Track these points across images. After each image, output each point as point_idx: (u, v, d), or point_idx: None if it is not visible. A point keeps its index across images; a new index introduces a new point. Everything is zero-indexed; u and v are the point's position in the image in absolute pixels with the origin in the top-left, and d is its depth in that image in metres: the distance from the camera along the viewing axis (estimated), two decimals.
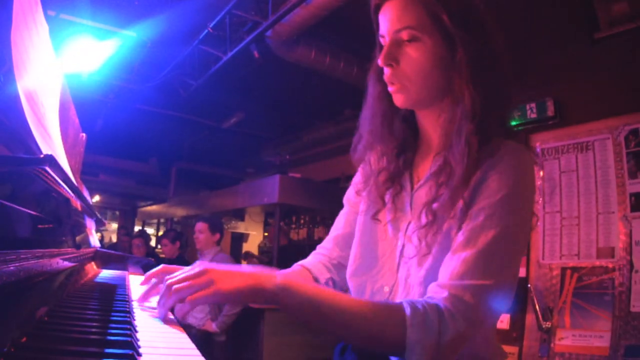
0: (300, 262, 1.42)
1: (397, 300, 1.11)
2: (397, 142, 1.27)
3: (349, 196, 1.42)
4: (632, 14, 3.47)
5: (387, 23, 1.13)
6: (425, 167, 1.22)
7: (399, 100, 1.16)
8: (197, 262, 1.11)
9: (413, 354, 0.94)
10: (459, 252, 1.01)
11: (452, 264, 1.01)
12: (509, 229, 1.01)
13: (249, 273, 1.00)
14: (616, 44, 3.61)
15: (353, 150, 1.34)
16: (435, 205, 1.09)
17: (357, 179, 1.39)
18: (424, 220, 1.10)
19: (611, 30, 3.60)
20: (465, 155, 1.05)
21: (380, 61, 1.13)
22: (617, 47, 3.61)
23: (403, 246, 1.18)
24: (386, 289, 1.19)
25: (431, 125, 1.21)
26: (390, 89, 1.16)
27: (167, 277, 1.02)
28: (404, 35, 1.09)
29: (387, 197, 1.25)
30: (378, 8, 1.16)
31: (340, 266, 1.37)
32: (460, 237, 1.03)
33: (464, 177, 1.05)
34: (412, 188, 1.23)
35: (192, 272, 0.99)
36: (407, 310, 0.96)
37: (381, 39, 1.17)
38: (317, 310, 0.99)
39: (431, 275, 1.07)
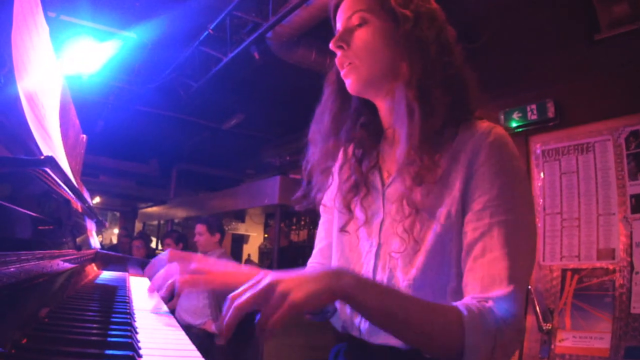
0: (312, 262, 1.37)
1: None
2: (356, 143, 1.26)
3: (325, 202, 1.37)
4: (632, 15, 3.47)
5: (341, 16, 1.18)
6: (394, 162, 1.18)
7: (351, 82, 1.17)
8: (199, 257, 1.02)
9: (470, 358, 0.91)
10: (480, 260, 0.99)
11: (480, 273, 0.98)
12: (518, 217, 1.00)
13: (316, 275, 0.89)
14: (616, 45, 3.61)
15: (306, 160, 1.34)
16: (415, 193, 1.06)
17: (327, 194, 1.36)
18: (406, 211, 1.08)
19: (611, 31, 3.59)
20: (406, 117, 1.08)
21: (331, 45, 1.17)
22: (617, 49, 3.61)
23: (379, 246, 1.15)
24: None
25: (388, 112, 1.21)
26: (342, 73, 1.18)
27: (232, 294, 0.87)
28: (355, 19, 1.15)
29: (355, 204, 1.23)
30: (336, 8, 1.22)
31: None
32: (474, 245, 1.01)
33: (410, 143, 1.06)
34: (383, 185, 1.20)
35: (259, 287, 0.85)
36: (464, 312, 0.92)
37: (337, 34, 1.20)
38: (386, 307, 0.91)
39: (426, 276, 1.04)
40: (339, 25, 1.19)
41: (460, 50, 1.16)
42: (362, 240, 1.20)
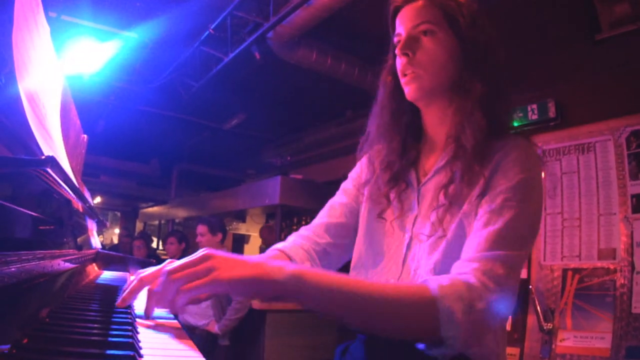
0: (276, 246, 1.33)
1: None
2: (402, 140, 1.30)
3: (347, 186, 1.42)
4: (633, 16, 3.47)
5: (405, 22, 1.22)
6: (431, 163, 1.26)
7: (411, 89, 1.21)
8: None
9: (449, 327, 0.90)
10: (481, 230, 1.04)
11: (476, 240, 1.03)
12: (526, 210, 1.06)
13: (255, 262, 0.90)
14: (617, 45, 3.61)
15: (360, 149, 1.39)
16: (451, 187, 1.14)
17: (356, 174, 1.43)
18: (441, 200, 1.14)
19: (612, 31, 3.59)
20: (475, 132, 1.13)
21: (397, 51, 1.21)
22: (618, 48, 3.61)
23: (410, 239, 1.20)
24: (391, 281, 1.19)
25: (438, 121, 1.26)
26: (403, 80, 1.22)
27: (167, 265, 0.91)
28: (422, 28, 1.18)
29: (392, 196, 1.28)
30: (397, 11, 1.26)
31: (325, 253, 1.33)
32: (481, 218, 1.07)
33: (475, 152, 1.12)
34: (418, 183, 1.26)
35: (192, 258, 0.89)
36: (433, 285, 0.93)
37: (396, 39, 1.24)
38: (335, 299, 0.91)
39: (445, 260, 1.09)
40: (401, 30, 1.22)
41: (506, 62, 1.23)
42: (396, 230, 1.25)
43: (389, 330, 0.97)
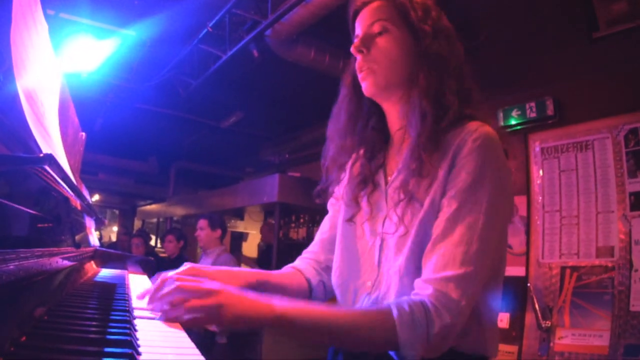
0: (291, 265, 1.46)
1: (380, 291, 1.19)
2: (367, 144, 1.35)
3: (332, 201, 1.48)
4: (631, 14, 3.47)
5: (361, 22, 1.27)
6: (397, 163, 1.27)
7: (367, 84, 1.25)
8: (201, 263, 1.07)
9: (406, 351, 1.01)
10: (438, 244, 1.07)
11: (434, 258, 1.06)
12: (482, 215, 1.06)
13: (252, 302, 1.00)
14: (615, 43, 3.61)
15: (325, 155, 1.43)
16: (410, 182, 1.15)
17: (338, 189, 1.46)
18: (402, 196, 1.16)
19: (610, 29, 3.59)
20: (418, 121, 1.16)
21: (352, 49, 1.25)
22: (616, 47, 3.61)
23: (382, 241, 1.23)
24: (368, 283, 1.24)
25: (397, 117, 1.29)
26: (360, 76, 1.26)
27: (179, 279, 1.00)
28: (376, 27, 1.23)
29: (362, 199, 1.32)
30: (356, 14, 1.30)
31: (329, 269, 1.40)
32: (437, 229, 1.09)
33: (421, 141, 1.14)
34: (386, 183, 1.29)
35: (203, 288, 0.97)
36: (395, 312, 1.02)
37: (355, 39, 1.28)
38: (315, 332, 1.05)
39: (410, 262, 1.12)
40: (359, 31, 1.27)
41: (468, 65, 1.26)
42: (367, 233, 1.28)
43: (362, 350, 1.14)
